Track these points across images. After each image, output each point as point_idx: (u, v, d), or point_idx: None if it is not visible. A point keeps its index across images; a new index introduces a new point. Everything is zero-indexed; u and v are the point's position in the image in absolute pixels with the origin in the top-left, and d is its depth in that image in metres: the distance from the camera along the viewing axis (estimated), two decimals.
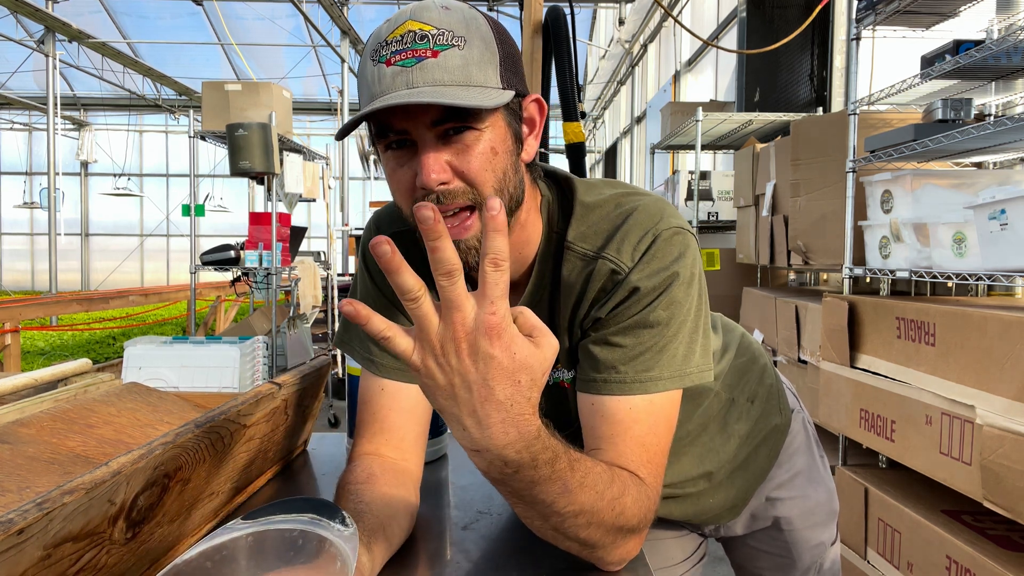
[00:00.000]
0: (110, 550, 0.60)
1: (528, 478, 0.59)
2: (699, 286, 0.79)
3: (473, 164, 0.71)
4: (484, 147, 0.71)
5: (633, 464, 0.73)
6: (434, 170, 0.69)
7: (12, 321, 4.77)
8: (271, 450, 0.99)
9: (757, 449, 1.07)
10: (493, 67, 0.70)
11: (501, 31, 0.73)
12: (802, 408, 1.17)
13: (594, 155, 13.52)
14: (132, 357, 3.31)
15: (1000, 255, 1.73)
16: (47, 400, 1.03)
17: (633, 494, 0.69)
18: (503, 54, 0.72)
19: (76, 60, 9.93)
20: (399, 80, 0.68)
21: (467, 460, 1.16)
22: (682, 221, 0.80)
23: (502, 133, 0.73)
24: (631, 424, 0.74)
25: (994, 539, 1.73)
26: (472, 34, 0.69)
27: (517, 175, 0.76)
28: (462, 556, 0.80)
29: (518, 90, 0.73)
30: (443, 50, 0.68)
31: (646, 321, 0.75)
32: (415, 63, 0.67)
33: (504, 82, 0.71)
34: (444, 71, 0.68)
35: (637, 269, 0.76)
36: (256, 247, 4.61)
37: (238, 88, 4.64)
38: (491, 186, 0.72)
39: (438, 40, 0.68)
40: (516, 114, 0.75)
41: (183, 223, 13.96)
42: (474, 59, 0.69)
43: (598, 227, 0.80)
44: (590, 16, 11.00)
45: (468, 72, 0.68)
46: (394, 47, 0.68)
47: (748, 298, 3.49)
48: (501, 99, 0.70)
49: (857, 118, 2.44)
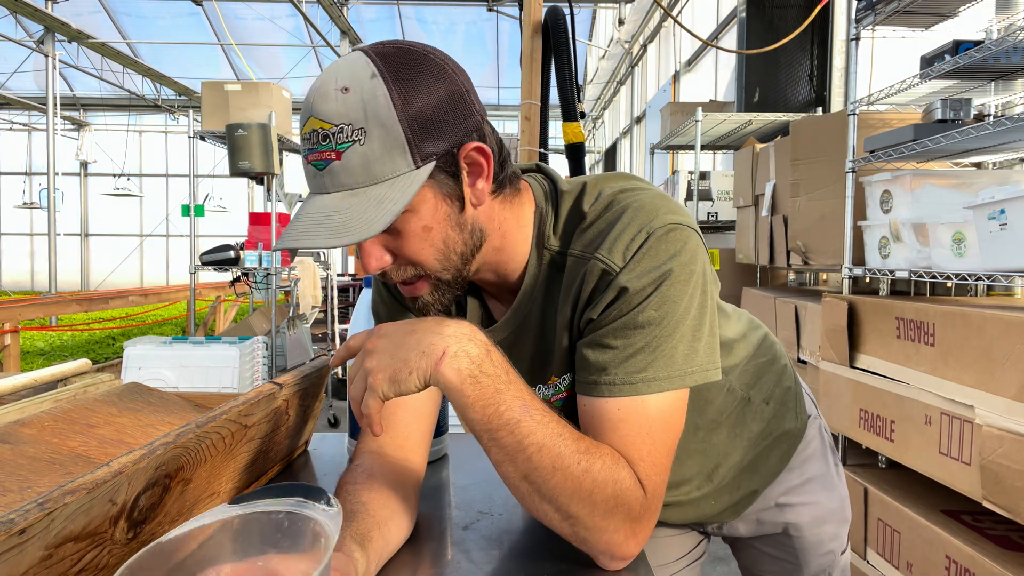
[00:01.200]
0: (111, 550, 0.60)
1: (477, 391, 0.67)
2: (701, 282, 0.76)
3: (408, 248, 0.73)
4: (415, 228, 0.72)
5: (630, 455, 0.72)
6: (373, 258, 0.73)
7: (12, 321, 4.77)
8: (272, 450, 0.99)
9: (768, 451, 1.05)
10: (400, 150, 0.68)
11: (405, 94, 0.68)
12: (819, 415, 1.14)
13: (594, 155, 13.53)
14: (132, 357, 3.31)
15: (999, 255, 1.73)
16: (47, 400, 1.03)
17: (606, 462, 0.70)
18: (412, 126, 0.68)
19: (76, 60, 9.94)
20: (316, 183, 0.71)
21: (468, 460, 1.16)
22: (682, 216, 0.77)
23: (431, 205, 0.72)
24: (618, 424, 0.73)
25: (994, 539, 1.73)
26: (371, 122, 0.67)
27: (464, 232, 0.76)
28: (462, 556, 0.80)
29: (443, 151, 0.71)
30: (344, 149, 0.68)
31: (635, 322, 0.74)
32: (324, 166, 0.69)
33: (417, 157, 0.69)
34: (348, 174, 0.68)
35: (627, 269, 0.74)
36: (256, 247, 4.62)
37: (238, 88, 4.64)
38: (433, 259, 0.74)
39: (338, 138, 0.68)
40: (449, 171, 0.72)
41: (183, 223, 13.95)
42: (375, 153, 0.68)
43: (593, 227, 0.79)
44: (590, 16, 11.01)
45: (370, 170, 0.68)
46: (307, 144, 0.70)
47: (748, 298, 3.49)
48: (408, 191, 0.68)
49: (857, 118, 2.44)
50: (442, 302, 0.79)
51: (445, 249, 0.75)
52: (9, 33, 8.31)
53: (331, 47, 7.29)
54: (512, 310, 0.85)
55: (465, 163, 0.74)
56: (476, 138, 0.73)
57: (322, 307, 5.83)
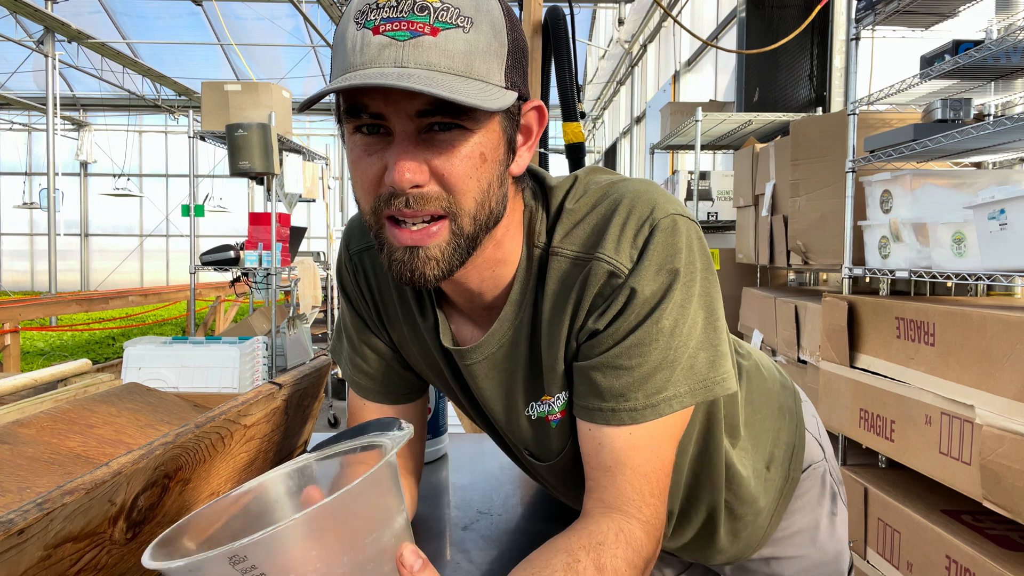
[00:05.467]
0: (110, 550, 0.60)
1: None
2: (708, 279, 0.69)
3: (456, 169, 0.61)
4: (472, 151, 0.61)
5: (635, 504, 0.67)
6: (409, 169, 0.60)
7: (12, 321, 4.77)
8: (271, 450, 0.99)
9: (771, 517, 0.93)
10: (499, 60, 0.61)
11: (514, 20, 0.63)
12: (826, 458, 0.99)
13: (594, 155, 13.53)
14: (132, 357, 3.31)
15: (999, 255, 1.73)
16: (47, 400, 1.03)
17: (617, 565, 0.62)
18: (512, 46, 0.62)
19: (75, 60, 9.93)
20: (386, 54, 0.57)
21: (467, 460, 1.16)
22: (678, 206, 0.70)
23: (495, 139, 0.64)
24: (631, 453, 0.67)
25: (994, 539, 1.73)
26: (481, 16, 0.59)
27: (502, 188, 0.66)
28: (462, 556, 0.80)
29: (521, 92, 0.64)
30: (445, 29, 0.57)
31: (652, 334, 0.66)
32: (409, 37, 0.57)
33: (508, 80, 0.62)
34: (442, 54, 0.57)
35: (637, 270, 0.66)
36: (256, 247, 4.62)
37: (238, 88, 4.64)
38: (472, 197, 0.63)
39: (441, 16, 0.57)
40: (514, 119, 0.66)
41: (183, 223, 13.95)
42: (479, 47, 0.59)
43: (585, 222, 0.71)
44: (589, 16, 11.00)
45: (470, 61, 0.59)
46: (385, 12, 0.58)
47: (747, 298, 3.49)
48: (503, 101, 0.60)
49: (856, 118, 2.44)
50: (449, 263, 0.65)
51: (486, 193, 0.64)
52: (9, 33, 8.30)
53: (331, 47, 7.29)
54: (501, 320, 0.75)
55: (523, 120, 0.68)
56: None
57: (322, 307, 5.83)
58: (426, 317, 0.79)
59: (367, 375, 0.86)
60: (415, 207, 0.61)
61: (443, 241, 0.64)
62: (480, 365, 0.77)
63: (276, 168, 4.44)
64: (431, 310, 0.79)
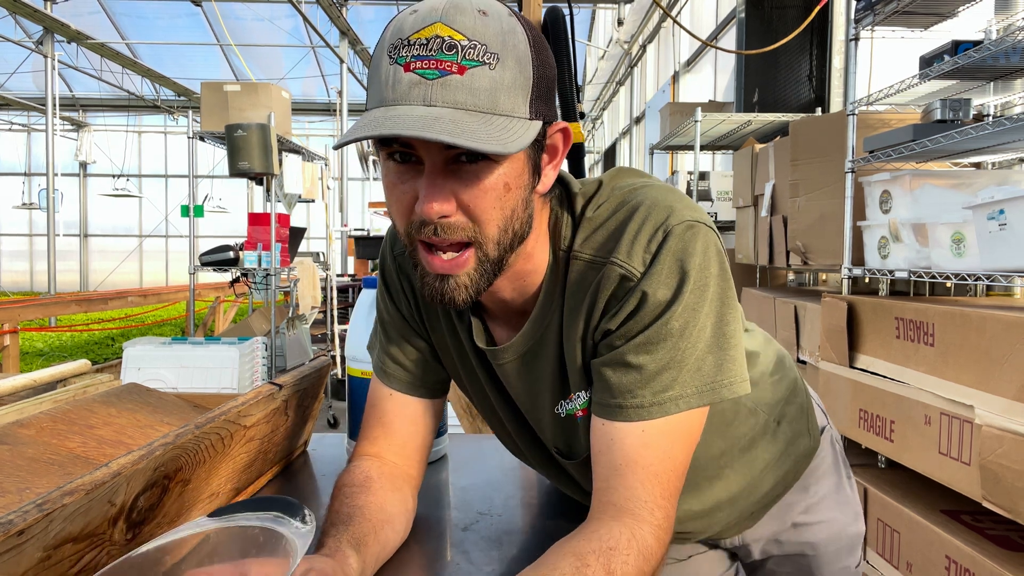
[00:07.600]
0: (110, 551, 0.60)
1: None
2: (722, 285, 0.71)
3: (481, 201, 0.65)
4: (496, 183, 0.65)
5: (647, 507, 0.68)
6: (437, 200, 0.64)
7: (11, 322, 4.77)
8: (271, 451, 0.99)
9: (784, 476, 0.97)
10: (524, 94, 0.63)
11: (541, 48, 0.65)
12: (830, 424, 1.07)
13: (593, 155, 13.53)
14: (131, 358, 3.31)
15: (999, 255, 1.73)
16: (46, 401, 1.03)
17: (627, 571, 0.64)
18: (537, 77, 0.65)
19: (75, 61, 9.93)
20: (415, 93, 0.61)
21: (467, 461, 1.16)
22: (697, 212, 0.72)
23: (519, 167, 0.66)
24: (641, 451, 0.69)
25: (993, 539, 1.73)
26: (507, 52, 0.62)
27: (527, 210, 0.69)
28: (462, 557, 0.80)
29: (546, 118, 0.67)
30: (472, 67, 0.60)
31: (660, 335, 0.68)
32: (437, 76, 0.60)
33: (532, 110, 0.64)
34: (469, 93, 0.61)
35: (649, 274, 0.69)
36: (255, 248, 4.62)
37: (237, 89, 4.64)
38: (496, 225, 0.67)
39: (468, 54, 0.60)
40: (539, 143, 0.68)
41: (182, 224, 13.94)
42: (505, 83, 0.62)
43: (604, 227, 0.74)
44: (589, 16, 11.00)
45: (495, 98, 0.61)
46: (416, 50, 0.61)
47: (747, 298, 3.49)
48: (526, 137, 0.62)
49: (856, 118, 2.44)
50: (477, 287, 0.69)
51: (510, 219, 0.67)
52: (8, 34, 8.31)
53: (330, 48, 7.28)
54: (530, 322, 0.78)
55: (549, 141, 0.70)
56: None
57: (321, 308, 5.83)
58: (463, 319, 0.84)
59: (402, 366, 0.89)
60: (443, 235, 0.66)
61: (471, 268, 0.68)
62: (512, 364, 0.80)
63: (275, 168, 4.44)
64: (467, 313, 0.83)
